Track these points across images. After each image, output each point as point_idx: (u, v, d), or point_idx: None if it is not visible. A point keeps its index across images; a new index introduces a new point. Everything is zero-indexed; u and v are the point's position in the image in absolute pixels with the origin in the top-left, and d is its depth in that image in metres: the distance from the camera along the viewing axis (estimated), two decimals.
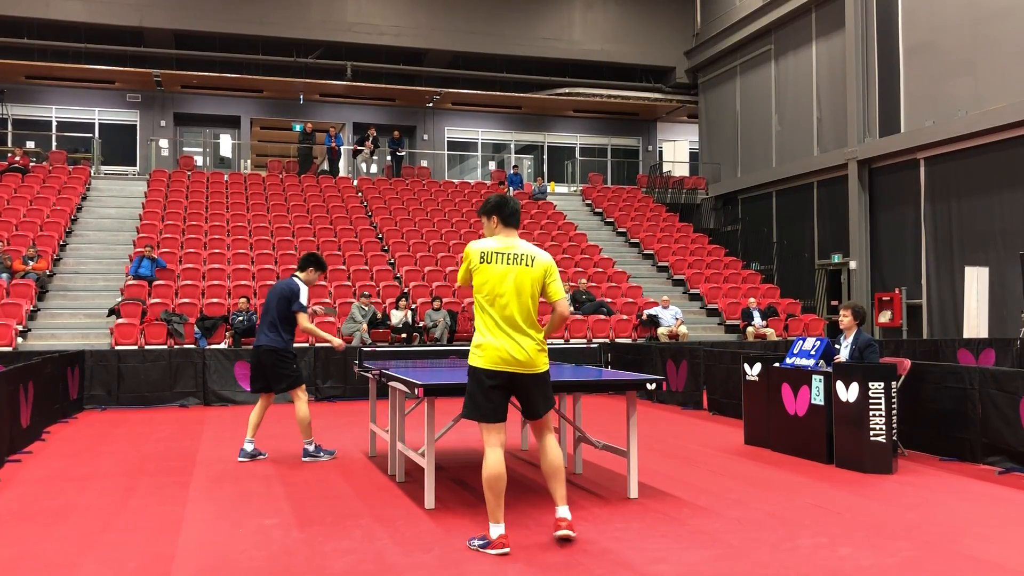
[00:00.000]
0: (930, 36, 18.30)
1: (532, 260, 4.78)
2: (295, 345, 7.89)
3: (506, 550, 4.62)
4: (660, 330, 16.37)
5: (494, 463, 4.67)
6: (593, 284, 18.21)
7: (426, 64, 26.72)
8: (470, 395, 4.80)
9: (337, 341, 7.93)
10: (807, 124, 22.13)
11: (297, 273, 7.69)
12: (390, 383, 6.56)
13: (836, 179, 20.92)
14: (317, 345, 12.66)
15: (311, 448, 7.65)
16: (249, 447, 7.63)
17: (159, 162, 24.47)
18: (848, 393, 7.08)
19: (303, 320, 7.48)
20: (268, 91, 26.22)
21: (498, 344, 4.70)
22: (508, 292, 4.71)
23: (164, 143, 25.91)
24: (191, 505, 5.86)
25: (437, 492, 5.88)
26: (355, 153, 24.45)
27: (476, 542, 4.75)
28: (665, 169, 27.81)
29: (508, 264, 4.74)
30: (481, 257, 4.76)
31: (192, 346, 13.82)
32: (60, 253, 17.46)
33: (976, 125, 16.86)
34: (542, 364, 4.80)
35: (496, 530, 4.68)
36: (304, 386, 7.70)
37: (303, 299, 7.47)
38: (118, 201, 20.60)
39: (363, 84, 25.85)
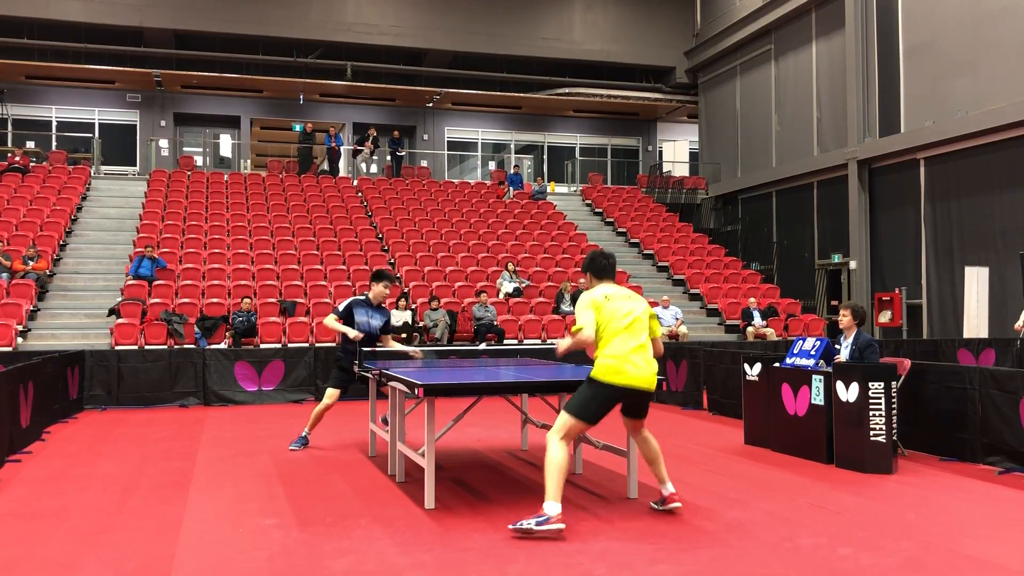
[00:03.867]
0: (930, 36, 18.30)
1: (640, 303, 5.55)
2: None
3: (563, 525, 5.00)
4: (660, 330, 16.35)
5: (567, 453, 5.22)
6: None
7: (426, 64, 26.71)
8: (587, 400, 5.31)
9: (353, 332, 7.94)
10: (807, 124, 22.12)
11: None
12: (390, 383, 6.56)
13: (836, 179, 20.92)
14: (316, 345, 12.64)
15: (302, 436, 8.32)
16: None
17: (159, 162, 24.45)
18: (848, 393, 7.08)
19: (328, 319, 8.21)
20: (268, 91, 26.22)
21: (629, 362, 5.27)
22: (632, 325, 5.38)
23: (164, 143, 25.90)
24: (191, 505, 5.86)
25: (437, 492, 5.88)
26: (355, 153, 24.44)
27: (527, 523, 4.98)
28: (665, 169, 27.81)
29: (627, 302, 5.47)
30: (605, 298, 5.43)
31: (192, 346, 13.82)
32: (60, 253, 17.44)
33: (976, 125, 16.86)
34: (655, 383, 5.46)
35: (557, 508, 5.01)
36: (334, 391, 8.19)
37: (340, 307, 8.12)
38: (118, 201, 20.59)
39: (363, 84, 25.85)
